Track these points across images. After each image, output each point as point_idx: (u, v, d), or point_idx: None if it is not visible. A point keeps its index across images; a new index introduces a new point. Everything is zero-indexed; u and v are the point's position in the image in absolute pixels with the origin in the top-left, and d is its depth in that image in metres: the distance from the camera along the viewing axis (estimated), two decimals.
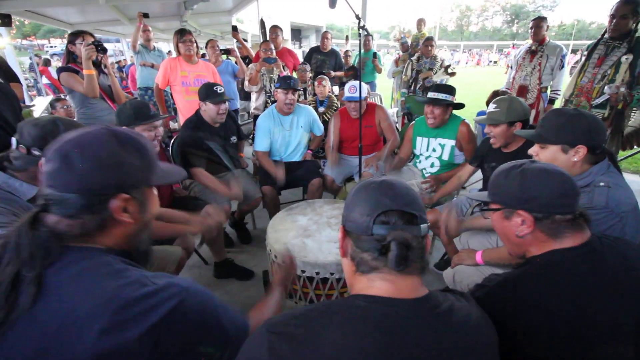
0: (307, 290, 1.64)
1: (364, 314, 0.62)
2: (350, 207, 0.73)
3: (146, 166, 0.74)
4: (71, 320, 0.58)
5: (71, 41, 2.45)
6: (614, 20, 2.48)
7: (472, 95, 9.71)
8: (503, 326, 0.73)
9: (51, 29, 32.24)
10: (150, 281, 0.66)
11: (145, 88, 4.47)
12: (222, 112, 2.33)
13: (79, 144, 0.67)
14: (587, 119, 1.17)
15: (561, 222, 0.84)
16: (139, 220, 0.75)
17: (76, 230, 0.67)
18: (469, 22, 69.26)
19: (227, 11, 9.08)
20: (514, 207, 0.89)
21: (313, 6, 22.02)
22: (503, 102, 1.76)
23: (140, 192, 0.74)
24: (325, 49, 4.79)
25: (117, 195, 0.69)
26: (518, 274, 0.87)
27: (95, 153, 0.66)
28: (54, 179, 0.65)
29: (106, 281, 0.63)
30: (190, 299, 0.67)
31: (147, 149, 0.75)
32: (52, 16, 6.71)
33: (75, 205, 0.66)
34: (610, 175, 1.17)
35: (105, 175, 0.67)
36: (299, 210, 2.06)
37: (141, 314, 0.60)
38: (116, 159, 0.68)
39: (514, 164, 0.92)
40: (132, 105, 1.79)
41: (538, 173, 0.86)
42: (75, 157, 0.65)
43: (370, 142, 2.79)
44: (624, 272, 0.80)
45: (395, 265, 0.64)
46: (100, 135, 0.69)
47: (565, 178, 0.85)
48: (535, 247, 0.89)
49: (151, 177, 0.76)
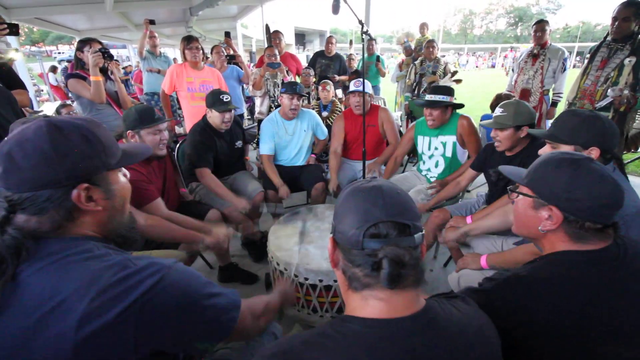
0: (309, 297, 1.62)
1: (358, 340, 0.60)
2: (338, 217, 0.69)
3: (99, 151, 0.72)
4: (54, 304, 0.59)
5: (79, 48, 2.51)
6: (616, 23, 2.48)
7: (476, 99, 9.68)
8: (506, 322, 0.73)
9: (59, 36, 32.70)
10: (132, 263, 0.66)
11: (152, 93, 4.53)
12: (226, 120, 2.35)
13: (19, 141, 0.65)
14: (602, 121, 1.17)
15: (589, 229, 0.81)
16: (107, 206, 0.74)
17: (48, 225, 0.67)
18: (473, 26, 69.22)
19: (232, 17, 9.19)
20: (549, 201, 0.83)
21: (317, 11, 22.16)
22: (510, 106, 1.76)
23: (102, 178, 0.73)
24: (329, 53, 4.82)
25: (75, 186, 0.68)
26: (528, 271, 0.85)
27: (37, 148, 0.65)
28: (6, 181, 0.65)
29: (87, 266, 0.64)
30: (172, 276, 0.67)
31: (96, 134, 0.72)
32: (60, 23, 6.83)
33: (36, 202, 0.65)
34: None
35: (53, 168, 0.65)
36: (300, 216, 2.05)
37: (121, 294, 0.61)
38: (61, 150, 0.66)
39: (569, 156, 0.84)
40: (137, 110, 1.82)
41: (593, 176, 0.80)
42: (18, 155, 0.64)
43: (373, 143, 2.80)
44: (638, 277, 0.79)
45: (388, 284, 0.60)
46: (38, 129, 0.66)
47: (617, 189, 0.79)
48: (550, 243, 0.86)
49: (109, 161, 0.74)
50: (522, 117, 1.73)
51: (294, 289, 1.32)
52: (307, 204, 2.94)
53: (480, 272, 1.49)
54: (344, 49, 7.64)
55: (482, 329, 0.67)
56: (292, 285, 1.33)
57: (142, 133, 1.80)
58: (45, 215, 0.67)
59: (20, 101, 2.15)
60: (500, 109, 1.79)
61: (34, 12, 5.50)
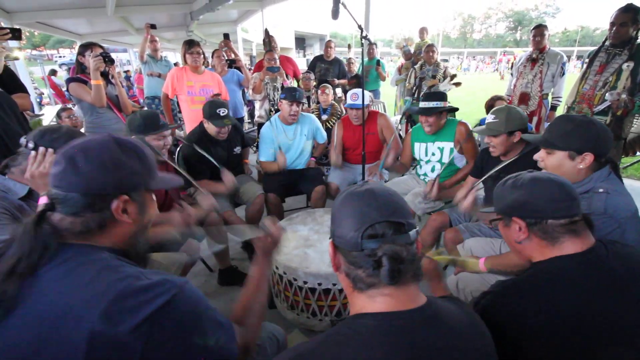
0: (309, 301, 1.63)
1: (372, 332, 0.62)
2: (336, 222, 0.72)
3: (145, 171, 0.79)
4: (67, 311, 0.60)
5: (81, 53, 2.53)
6: (614, 28, 2.50)
7: (477, 102, 9.70)
8: (507, 331, 0.74)
9: (60, 40, 32.85)
10: (145, 276, 0.68)
11: (153, 97, 4.56)
12: (222, 133, 2.34)
13: (84, 148, 0.72)
14: (595, 126, 1.18)
15: (555, 226, 0.86)
16: (137, 222, 0.79)
17: (78, 228, 0.71)
18: (472, 30, 69.52)
19: (232, 21, 9.24)
20: (510, 214, 0.93)
21: (317, 15, 22.26)
22: (501, 113, 1.77)
23: (140, 195, 0.78)
24: (328, 57, 4.84)
25: (117, 197, 0.73)
26: (522, 279, 0.88)
27: (98, 156, 0.72)
28: (60, 180, 0.70)
29: (102, 275, 0.66)
30: (183, 295, 0.68)
31: (147, 156, 0.80)
32: (62, 27, 6.87)
33: (78, 204, 0.70)
34: (610, 182, 1.18)
35: (107, 177, 0.72)
36: (299, 219, 2.06)
37: (135, 307, 0.62)
38: (117, 162, 0.73)
39: (513, 175, 0.96)
40: (142, 116, 1.84)
41: (528, 181, 0.90)
42: (80, 159, 0.70)
43: (372, 150, 2.81)
44: (628, 280, 0.81)
45: (389, 280, 0.63)
46: (103, 141, 0.74)
47: (554, 184, 0.87)
48: (537, 252, 0.90)
49: (150, 182, 0.81)
50: (514, 123, 1.75)
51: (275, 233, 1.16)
52: (307, 207, 2.95)
53: (479, 275, 1.50)
54: (344, 53, 7.68)
55: (476, 324, 0.71)
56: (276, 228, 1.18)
57: (146, 139, 1.81)
58: (80, 218, 0.71)
59: (21, 105, 2.16)
60: (492, 116, 1.81)
61: (35, 16, 5.53)
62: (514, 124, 1.74)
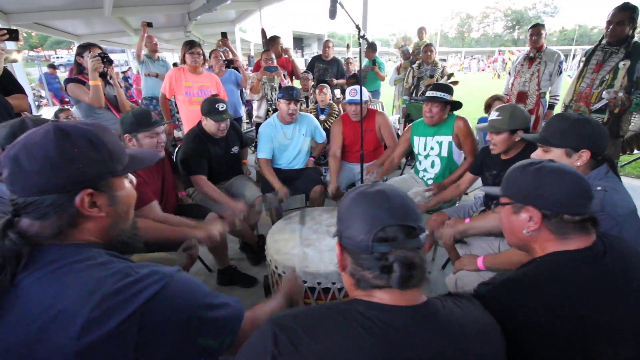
0: (308, 300, 1.62)
1: (362, 317, 0.63)
2: (345, 222, 0.71)
3: (105, 157, 0.71)
4: (55, 313, 0.59)
5: (79, 53, 2.53)
6: (610, 26, 2.51)
7: (475, 102, 9.71)
8: (505, 325, 0.74)
9: (58, 40, 32.74)
10: (134, 271, 0.66)
11: (150, 97, 4.55)
12: (222, 129, 2.34)
13: (26, 145, 0.65)
14: (591, 124, 1.19)
15: (569, 222, 0.84)
16: (111, 213, 0.74)
17: (49, 231, 0.67)
18: (470, 29, 69.55)
19: (230, 21, 9.22)
20: (524, 202, 0.88)
21: (315, 15, 22.25)
22: (505, 110, 1.78)
23: (107, 184, 0.73)
24: (326, 57, 4.85)
25: (78, 192, 0.68)
26: (522, 273, 0.87)
27: (43, 153, 0.64)
28: (11, 184, 0.65)
29: (89, 274, 0.63)
30: (174, 284, 0.66)
31: (103, 140, 0.72)
32: (60, 28, 6.84)
33: (39, 207, 0.65)
34: (608, 180, 1.19)
35: (58, 173, 0.65)
36: (298, 219, 2.07)
37: (123, 302, 0.60)
38: (67, 155, 0.66)
39: (532, 160, 0.91)
40: (134, 113, 1.82)
41: (554, 171, 0.85)
42: (24, 159, 0.64)
43: (370, 147, 2.82)
44: (625, 275, 0.81)
45: (400, 286, 0.63)
46: (46, 133, 0.66)
47: (580, 180, 0.84)
48: (540, 245, 0.89)
49: (115, 167, 0.74)
50: (517, 122, 1.75)
51: (299, 285, 1.27)
52: (306, 206, 2.95)
53: (477, 273, 1.50)
54: (342, 53, 7.68)
55: (486, 329, 0.69)
56: (299, 280, 1.27)
57: (139, 136, 1.80)
58: (48, 220, 0.67)
59: (19, 106, 2.16)
60: (496, 113, 1.81)
61: (33, 17, 5.51)
62: (516, 123, 1.75)
